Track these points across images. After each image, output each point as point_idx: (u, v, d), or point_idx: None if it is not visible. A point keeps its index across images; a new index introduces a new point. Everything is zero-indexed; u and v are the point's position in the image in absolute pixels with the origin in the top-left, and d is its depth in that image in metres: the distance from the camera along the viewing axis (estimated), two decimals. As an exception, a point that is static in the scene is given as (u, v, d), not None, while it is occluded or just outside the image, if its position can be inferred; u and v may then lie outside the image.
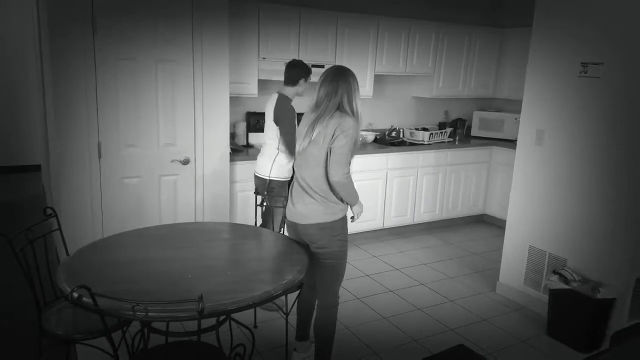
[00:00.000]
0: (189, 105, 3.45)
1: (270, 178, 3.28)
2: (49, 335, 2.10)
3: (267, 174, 3.29)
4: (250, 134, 4.32)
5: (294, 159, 3.17)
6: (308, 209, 2.41)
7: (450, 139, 5.13)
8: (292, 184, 2.54)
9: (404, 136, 5.00)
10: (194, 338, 1.89)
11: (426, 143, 4.86)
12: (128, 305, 1.64)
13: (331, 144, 2.31)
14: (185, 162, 3.49)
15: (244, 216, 3.91)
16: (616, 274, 2.98)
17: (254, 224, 3.18)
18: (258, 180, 3.38)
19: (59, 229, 2.47)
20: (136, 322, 1.87)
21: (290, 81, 3.27)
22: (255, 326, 3.06)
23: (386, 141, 4.81)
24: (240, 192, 3.89)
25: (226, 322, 2.28)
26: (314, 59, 4.19)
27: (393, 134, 4.98)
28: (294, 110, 3.24)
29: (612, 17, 2.92)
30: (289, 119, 3.20)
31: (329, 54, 4.36)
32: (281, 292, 1.98)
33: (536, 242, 3.43)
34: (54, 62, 3.02)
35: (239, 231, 2.78)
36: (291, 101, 3.28)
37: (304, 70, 3.27)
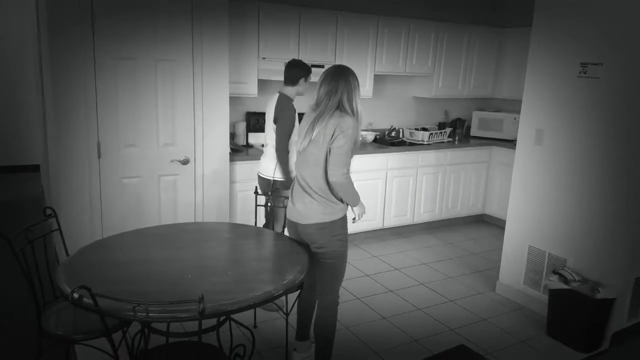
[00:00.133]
0: (188, 105, 3.45)
1: (273, 178, 3.28)
2: (49, 336, 2.10)
3: (271, 174, 3.29)
4: (250, 134, 4.32)
5: (283, 158, 3.19)
6: (308, 209, 2.40)
7: (450, 139, 5.13)
8: (293, 183, 2.54)
9: (403, 136, 5.00)
10: (194, 338, 1.88)
11: (426, 143, 4.86)
12: (129, 306, 1.64)
13: (330, 144, 2.31)
14: (185, 162, 3.49)
15: (243, 216, 3.91)
16: (616, 274, 2.99)
17: (254, 224, 3.18)
18: (262, 181, 3.38)
19: (59, 229, 2.46)
20: (136, 322, 1.87)
21: (290, 81, 3.27)
22: (255, 326, 3.05)
23: (386, 141, 4.81)
24: (240, 192, 3.88)
25: (226, 322, 2.28)
26: (313, 58, 4.18)
27: (393, 133, 4.98)
28: (294, 109, 3.24)
29: (611, 17, 2.92)
30: (287, 118, 3.19)
31: (328, 54, 4.36)
32: (282, 292, 1.98)
33: (536, 242, 3.43)
34: (54, 62, 3.02)
35: (239, 231, 2.78)
36: (292, 101, 3.28)
37: (303, 69, 3.27)
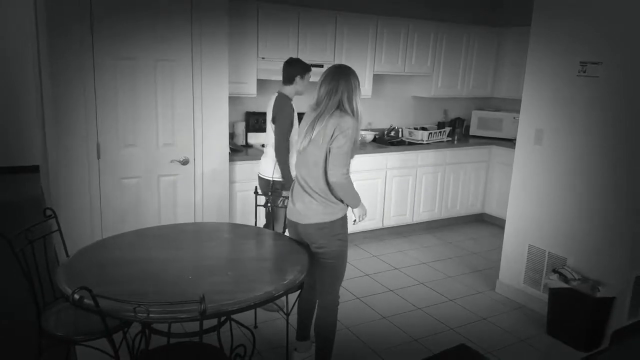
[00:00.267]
0: (188, 105, 3.44)
1: (273, 179, 3.27)
2: (49, 336, 2.10)
3: (270, 175, 3.28)
4: (250, 134, 4.32)
5: (282, 158, 3.17)
6: (308, 209, 2.40)
7: (449, 139, 5.14)
8: (293, 183, 2.54)
9: (403, 136, 5.00)
10: (195, 339, 1.88)
11: (425, 142, 4.86)
12: (129, 307, 1.64)
13: (330, 144, 2.31)
14: (185, 162, 3.48)
15: (243, 216, 3.90)
16: (616, 273, 2.99)
17: (254, 224, 3.17)
18: (262, 181, 3.37)
19: (59, 229, 2.46)
20: (136, 323, 1.86)
21: (288, 80, 3.26)
22: (256, 326, 3.05)
23: (385, 141, 4.81)
24: (240, 192, 3.88)
25: (226, 323, 2.28)
26: (313, 58, 4.18)
27: (392, 133, 4.98)
28: (292, 109, 3.22)
29: (611, 16, 2.92)
30: (285, 117, 3.17)
31: (328, 54, 4.35)
32: (282, 292, 1.98)
33: (536, 241, 3.43)
34: (53, 62, 3.01)
35: (239, 231, 2.77)
36: (291, 100, 3.26)
37: (299, 67, 3.23)
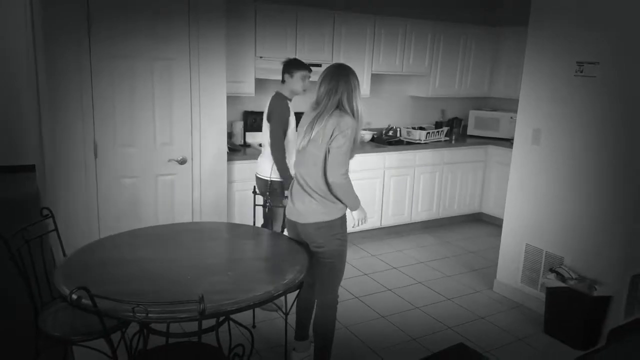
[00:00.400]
0: (185, 104, 3.43)
1: (271, 179, 3.26)
2: (46, 337, 2.09)
3: (268, 175, 3.27)
4: (248, 133, 4.31)
5: (278, 156, 3.15)
6: (307, 208, 2.40)
7: (447, 138, 5.14)
8: (292, 182, 2.53)
9: (400, 135, 5.01)
10: (194, 339, 1.88)
11: (423, 142, 4.87)
12: (128, 307, 1.63)
13: (329, 144, 2.31)
14: (182, 161, 3.47)
15: (242, 216, 3.90)
16: (612, 272, 3.00)
17: (253, 224, 3.17)
18: (259, 181, 3.36)
19: (56, 229, 2.44)
20: (134, 323, 1.85)
21: (282, 79, 3.26)
22: (254, 326, 3.05)
23: (383, 140, 4.81)
24: (238, 191, 3.87)
25: (225, 323, 2.27)
26: (311, 57, 4.17)
27: (390, 133, 4.99)
28: (287, 108, 3.19)
29: (608, 16, 2.93)
30: (279, 115, 3.15)
31: (325, 53, 4.35)
32: (282, 292, 1.98)
33: (533, 240, 3.44)
34: (49, 60, 2.99)
35: (238, 231, 2.77)
36: (288, 99, 3.24)
37: (289, 66, 3.21)
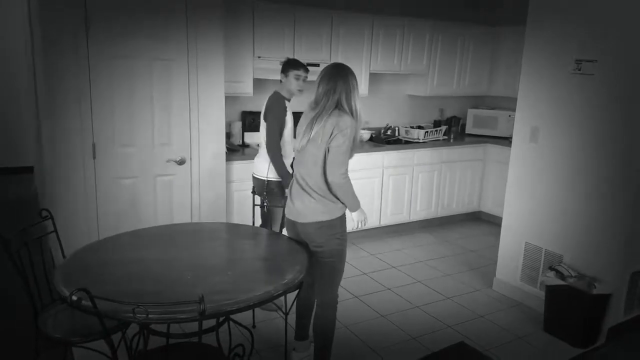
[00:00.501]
0: (184, 104, 3.43)
1: (268, 179, 3.26)
2: (46, 338, 2.08)
3: (264, 174, 3.27)
4: (246, 133, 4.31)
5: (273, 155, 3.15)
6: (306, 208, 2.40)
7: (445, 137, 5.15)
8: (292, 182, 2.53)
9: (399, 134, 5.01)
10: (194, 339, 1.87)
11: (421, 141, 4.87)
12: (128, 308, 1.62)
13: (329, 144, 2.31)
14: (181, 162, 3.47)
15: (241, 216, 3.89)
16: (612, 270, 3.01)
17: (252, 224, 3.17)
18: (256, 181, 3.35)
19: (55, 230, 2.44)
20: (133, 324, 1.85)
21: (280, 79, 3.26)
22: (254, 326, 3.05)
23: (382, 139, 4.81)
24: (237, 191, 3.87)
25: (225, 323, 2.27)
26: (309, 57, 4.17)
27: (388, 132, 4.98)
28: (284, 107, 3.17)
29: (606, 14, 2.93)
30: (275, 114, 3.14)
31: (324, 53, 4.35)
32: (282, 291, 1.97)
33: (532, 238, 3.44)
34: (47, 61, 2.99)
35: (237, 231, 2.77)
36: (286, 99, 3.23)
37: (285, 65, 3.20)
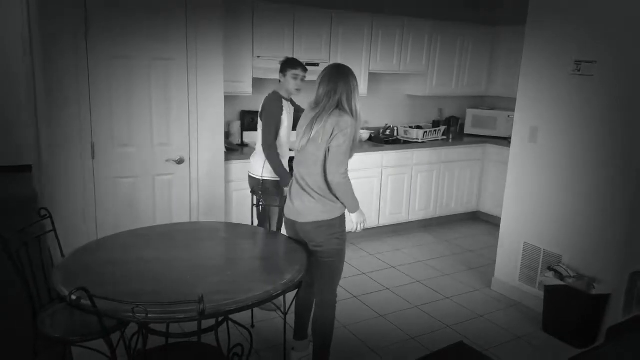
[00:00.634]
0: (183, 104, 3.42)
1: (262, 178, 3.25)
2: (45, 338, 2.08)
3: (259, 173, 3.26)
4: (245, 133, 4.31)
5: (267, 152, 3.14)
6: (306, 207, 2.40)
7: (444, 137, 5.15)
8: (291, 182, 2.53)
9: (398, 134, 5.01)
10: (193, 339, 1.87)
11: (420, 141, 4.87)
12: (128, 307, 1.62)
13: (329, 143, 2.31)
14: (180, 161, 3.46)
15: (240, 216, 3.89)
16: (611, 270, 3.01)
17: (251, 224, 3.16)
18: (252, 180, 3.34)
19: (54, 230, 2.43)
20: (132, 324, 1.85)
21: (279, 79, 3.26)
22: (253, 326, 3.05)
23: (381, 139, 4.81)
24: (236, 191, 3.87)
25: (224, 323, 2.26)
26: (308, 57, 4.17)
27: (387, 132, 4.99)
28: (279, 106, 3.15)
29: (605, 15, 2.94)
30: (270, 112, 3.13)
31: (323, 52, 4.35)
32: (281, 291, 1.97)
33: (531, 238, 3.45)
34: (45, 61, 2.98)
35: (237, 231, 2.76)
36: (284, 99, 3.21)
37: (283, 64, 3.19)
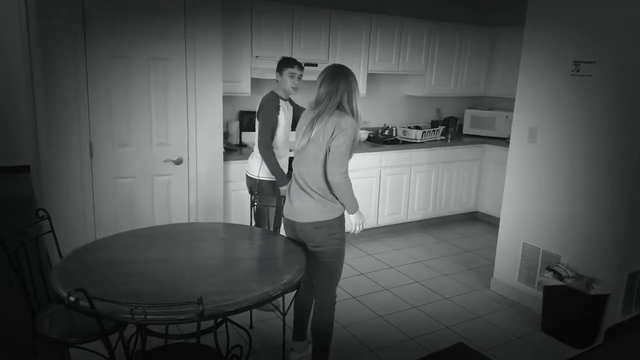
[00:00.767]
0: (181, 104, 3.41)
1: (259, 178, 3.25)
2: (43, 339, 2.07)
3: (256, 174, 3.25)
4: (244, 133, 4.30)
5: (263, 152, 3.13)
6: (305, 207, 2.40)
7: (443, 137, 5.15)
8: (291, 181, 2.53)
9: (396, 134, 5.01)
10: (192, 340, 1.86)
11: (419, 141, 4.87)
12: (126, 308, 1.62)
13: (330, 143, 2.31)
14: (179, 161, 3.45)
15: (238, 216, 3.88)
16: (609, 270, 3.01)
17: (250, 224, 3.16)
18: (249, 180, 3.34)
19: (52, 230, 2.42)
20: (131, 324, 1.84)
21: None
22: (252, 326, 3.04)
23: (379, 139, 4.81)
24: (235, 191, 3.86)
25: (223, 324, 2.26)
26: (307, 57, 4.17)
27: (386, 132, 4.99)
28: (275, 106, 3.14)
29: (604, 15, 2.94)
30: (266, 112, 3.13)
31: (322, 52, 4.34)
32: (280, 292, 1.97)
33: (530, 239, 3.45)
34: (45, 61, 2.97)
35: (235, 231, 2.76)
36: (282, 99, 3.20)
37: (279, 64, 3.19)
